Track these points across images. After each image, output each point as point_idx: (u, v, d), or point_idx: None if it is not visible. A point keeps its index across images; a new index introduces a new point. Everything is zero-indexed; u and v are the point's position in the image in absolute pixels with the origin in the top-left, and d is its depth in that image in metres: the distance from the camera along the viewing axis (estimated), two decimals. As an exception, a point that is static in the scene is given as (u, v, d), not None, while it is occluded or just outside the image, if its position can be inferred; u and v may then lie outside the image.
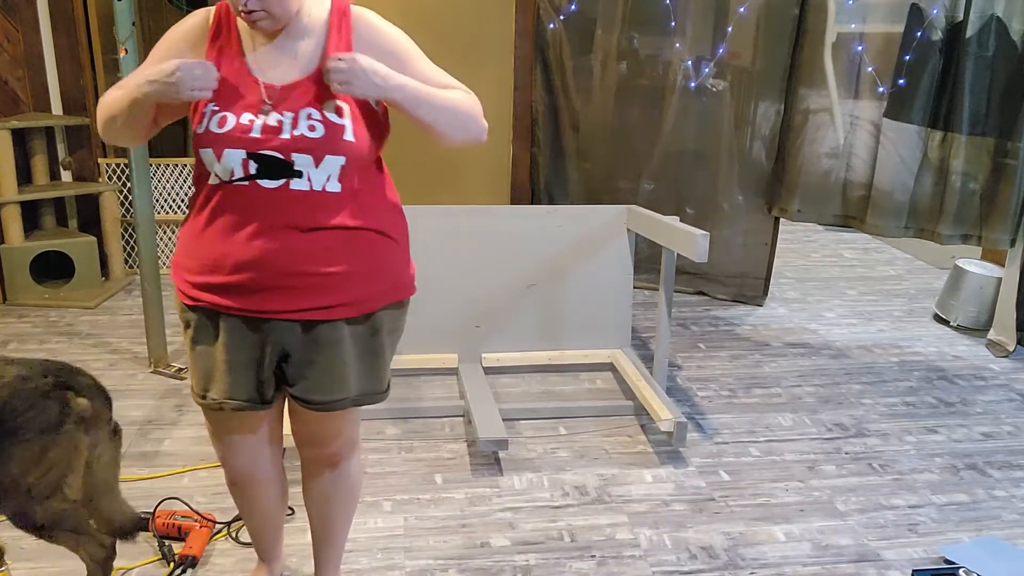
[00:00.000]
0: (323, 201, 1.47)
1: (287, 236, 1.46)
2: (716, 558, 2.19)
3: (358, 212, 1.52)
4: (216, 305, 1.52)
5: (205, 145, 1.44)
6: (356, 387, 1.62)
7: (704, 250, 2.54)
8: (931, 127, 3.56)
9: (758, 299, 4.12)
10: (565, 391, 3.13)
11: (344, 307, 1.54)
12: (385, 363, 1.67)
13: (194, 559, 2.08)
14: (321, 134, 1.43)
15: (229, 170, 1.44)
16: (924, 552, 2.25)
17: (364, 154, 1.49)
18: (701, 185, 4.08)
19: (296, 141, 1.43)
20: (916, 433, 2.89)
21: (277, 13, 1.42)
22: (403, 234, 1.66)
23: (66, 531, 1.69)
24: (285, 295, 1.50)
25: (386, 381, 1.69)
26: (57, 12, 3.87)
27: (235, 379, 1.57)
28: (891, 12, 3.52)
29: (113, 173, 4.18)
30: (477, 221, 3.11)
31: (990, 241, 3.57)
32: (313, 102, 1.45)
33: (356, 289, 1.54)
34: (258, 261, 1.47)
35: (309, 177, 1.45)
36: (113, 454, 1.75)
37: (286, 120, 1.44)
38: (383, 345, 1.64)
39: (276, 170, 1.44)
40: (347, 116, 1.46)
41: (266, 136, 1.43)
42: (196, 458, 2.58)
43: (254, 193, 1.45)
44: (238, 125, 1.43)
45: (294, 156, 1.43)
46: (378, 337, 1.62)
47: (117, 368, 3.19)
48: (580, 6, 3.96)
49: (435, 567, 2.12)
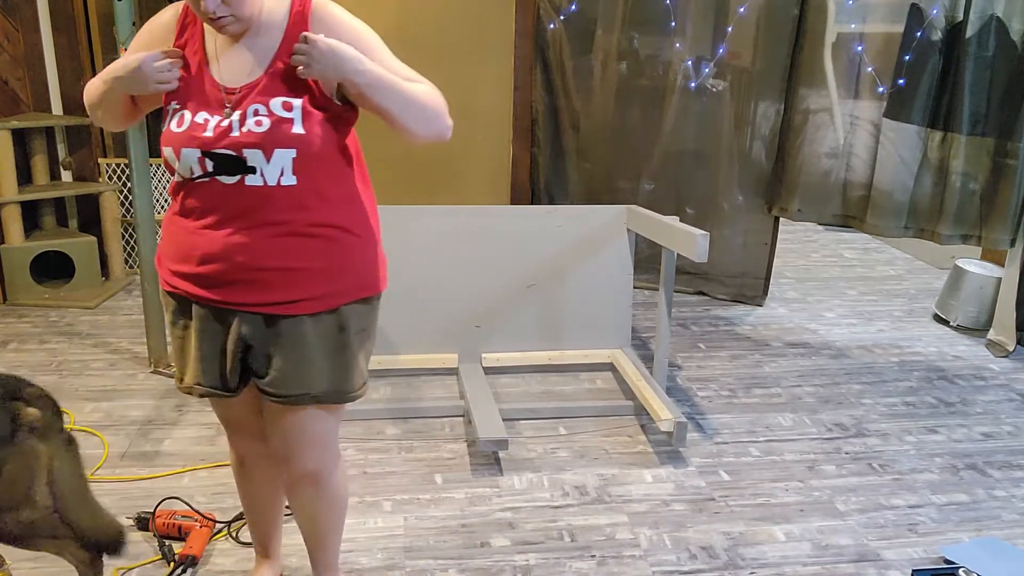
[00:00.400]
0: (279, 196, 1.48)
1: (249, 231, 1.49)
2: (716, 558, 2.19)
3: (319, 206, 1.52)
4: (188, 293, 1.57)
5: (166, 144, 1.50)
6: (321, 384, 1.60)
7: (704, 250, 2.54)
8: (931, 127, 3.56)
9: (758, 299, 4.13)
10: (565, 391, 3.13)
11: (306, 302, 1.55)
12: (354, 361, 1.64)
13: (194, 559, 2.08)
14: (267, 128, 1.44)
15: (188, 168, 1.49)
16: (924, 552, 2.25)
17: (316, 146, 1.48)
18: (701, 185, 4.08)
19: (245, 137, 1.44)
20: (916, 433, 2.89)
21: (244, 15, 1.44)
22: (370, 230, 1.63)
23: (44, 538, 1.67)
24: (249, 288, 1.53)
25: (356, 381, 1.66)
26: (57, 12, 3.87)
27: (205, 366, 1.62)
28: (891, 12, 3.52)
29: (113, 173, 4.18)
30: (477, 221, 3.12)
31: (990, 241, 3.57)
32: (262, 97, 1.46)
33: (318, 285, 1.55)
34: (223, 254, 1.51)
35: (262, 172, 1.46)
36: (73, 465, 1.71)
37: (235, 118, 1.46)
38: (350, 343, 1.62)
39: (231, 167, 1.46)
40: (296, 109, 1.45)
41: (217, 135, 1.46)
42: (196, 458, 2.58)
43: (215, 189, 1.49)
44: (193, 124, 1.48)
45: (245, 152, 1.45)
46: (345, 334, 1.61)
47: (117, 368, 3.19)
48: (580, 6, 3.97)
49: (435, 567, 2.12)
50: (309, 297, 1.54)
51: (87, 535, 1.72)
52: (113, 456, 2.58)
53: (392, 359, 3.11)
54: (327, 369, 1.61)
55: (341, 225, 1.56)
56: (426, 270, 3.10)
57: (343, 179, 1.57)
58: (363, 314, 1.63)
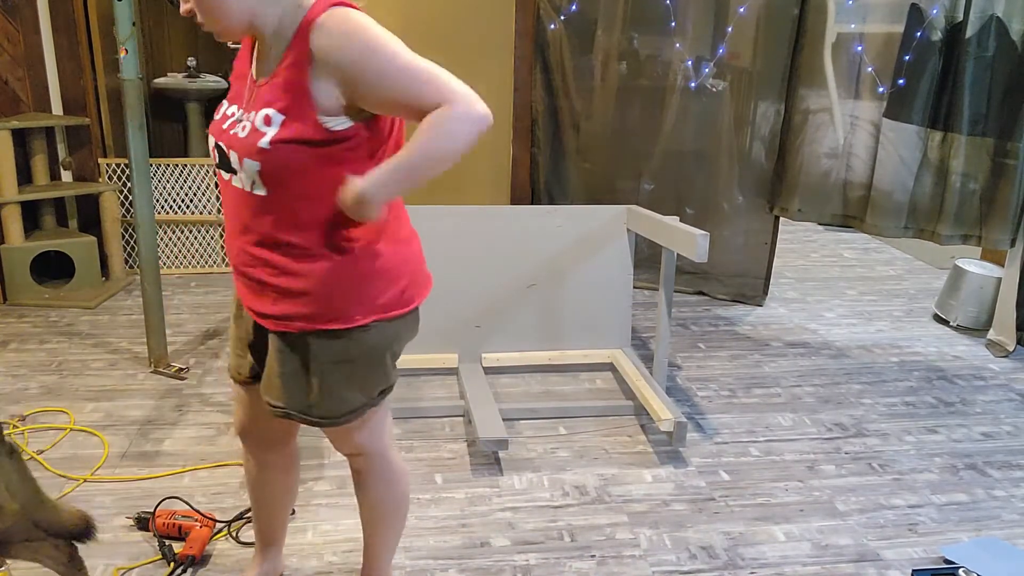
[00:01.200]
0: (254, 203, 1.45)
1: (240, 231, 1.51)
2: (716, 558, 2.20)
3: (288, 224, 1.44)
4: None
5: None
6: (288, 401, 1.57)
7: (704, 250, 2.54)
8: (931, 127, 3.56)
9: (758, 299, 4.13)
10: (565, 391, 3.13)
11: (269, 318, 1.53)
12: (326, 391, 1.55)
13: (194, 559, 2.08)
14: (244, 136, 1.42)
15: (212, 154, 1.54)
16: (924, 552, 2.25)
17: (279, 167, 1.40)
18: (701, 185, 4.08)
19: (230, 138, 1.45)
20: (916, 433, 2.89)
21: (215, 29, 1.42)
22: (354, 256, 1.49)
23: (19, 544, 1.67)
24: (245, 288, 1.56)
25: (332, 410, 1.57)
26: (57, 12, 3.87)
27: (235, 350, 1.72)
28: (891, 12, 3.52)
29: (113, 173, 4.18)
30: (477, 221, 3.12)
31: (990, 241, 3.57)
32: (255, 105, 1.44)
33: (274, 303, 1.50)
34: (229, 244, 1.56)
35: (241, 176, 1.45)
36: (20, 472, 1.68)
37: (239, 116, 1.47)
38: (321, 372, 1.53)
39: (222, 162, 1.48)
40: (274, 126, 1.39)
41: (224, 128, 1.48)
42: (196, 458, 2.58)
43: (223, 181, 1.53)
44: (223, 114, 1.52)
45: (230, 152, 1.46)
46: (315, 364, 1.53)
47: (117, 368, 3.19)
48: (580, 6, 3.97)
49: (435, 567, 2.12)
50: (271, 314, 1.52)
51: (56, 530, 1.72)
52: (113, 456, 2.58)
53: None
54: (292, 389, 1.56)
55: (306, 246, 1.46)
56: (426, 270, 3.10)
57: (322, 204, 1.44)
58: (339, 348, 1.52)
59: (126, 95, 2.89)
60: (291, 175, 1.41)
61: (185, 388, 3.04)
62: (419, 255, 1.64)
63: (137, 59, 2.89)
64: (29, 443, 2.63)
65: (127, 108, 2.91)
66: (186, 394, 3.00)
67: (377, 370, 1.59)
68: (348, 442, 1.70)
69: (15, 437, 2.66)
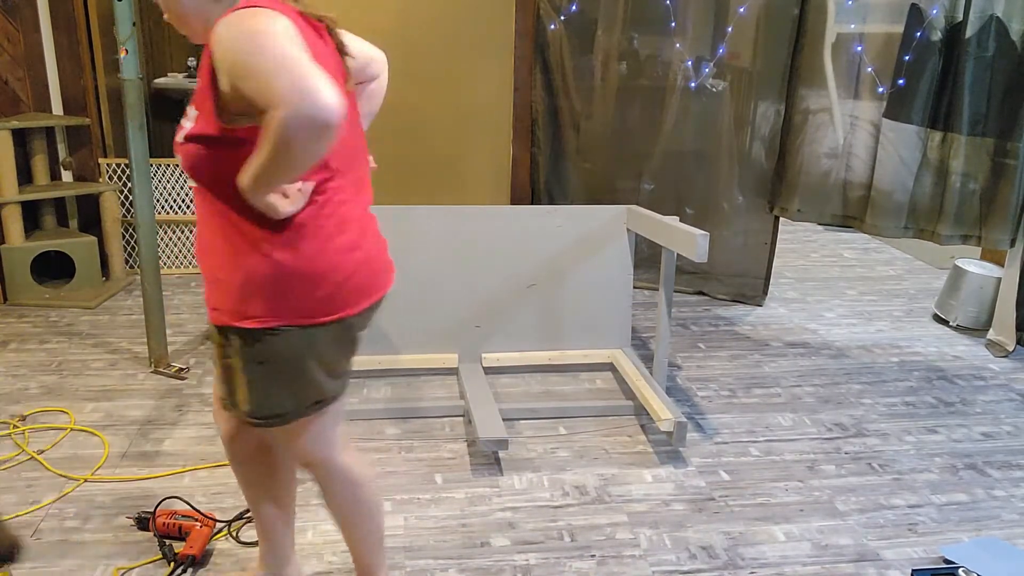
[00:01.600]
0: (195, 195, 1.53)
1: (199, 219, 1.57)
2: (716, 558, 2.20)
3: (214, 215, 1.49)
4: None
5: None
6: (225, 395, 1.59)
7: (704, 250, 2.54)
8: (931, 127, 3.56)
9: (758, 299, 4.13)
10: (565, 391, 3.13)
11: (209, 310, 1.56)
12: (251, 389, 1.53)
13: (194, 559, 2.08)
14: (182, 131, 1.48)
15: None
16: (924, 552, 2.25)
17: (192, 163, 1.45)
18: (701, 185, 4.08)
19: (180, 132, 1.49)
20: (916, 433, 2.89)
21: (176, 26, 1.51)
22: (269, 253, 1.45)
23: None
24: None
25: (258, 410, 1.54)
26: (57, 12, 3.87)
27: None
28: (891, 12, 3.52)
29: (113, 173, 4.19)
30: (477, 221, 3.12)
31: (990, 241, 3.57)
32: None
33: (209, 294, 1.54)
34: None
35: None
36: None
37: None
38: (242, 370, 1.52)
39: None
40: (190, 121, 1.46)
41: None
42: (196, 458, 2.58)
43: None
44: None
45: None
46: (236, 359, 1.52)
47: (117, 368, 3.19)
48: (580, 6, 3.97)
49: (435, 567, 2.12)
50: (208, 305, 1.55)
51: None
52: (113, 456, 2.58)
53: (392, 359, 3.12)
54: (228, 384, 1.57)
55: (232, 241, 1.47)
56: (426, 270, 3.10)
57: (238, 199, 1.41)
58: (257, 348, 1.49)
59: (126, 95, 2.89)
60: (203, 170, 1.46)
61: (185, 388, 3.05)
62: (360, 266, 1.53)
63: (137, 59, 2.89)
64: (29, 443, 2.63)
65: (127, 108, 2.91)
66: (186, 394, 3.00)
67: (300, 378, 1.52)
68: (292, 450, 1.68)
69: (15, 437, 2.66)
